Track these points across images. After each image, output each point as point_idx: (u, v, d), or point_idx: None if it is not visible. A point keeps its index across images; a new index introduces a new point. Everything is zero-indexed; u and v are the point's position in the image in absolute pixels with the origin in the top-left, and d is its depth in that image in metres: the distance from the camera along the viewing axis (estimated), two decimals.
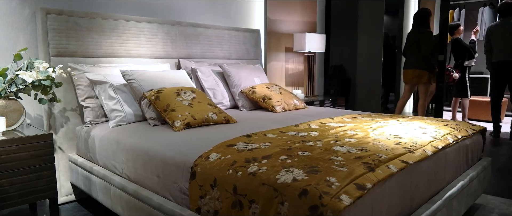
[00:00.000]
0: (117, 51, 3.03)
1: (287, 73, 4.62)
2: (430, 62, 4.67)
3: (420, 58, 4.67)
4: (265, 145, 1.83)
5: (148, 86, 2.64)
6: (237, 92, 3.30)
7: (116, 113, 2.58)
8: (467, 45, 5.68)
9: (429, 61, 4.66)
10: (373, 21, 5.85)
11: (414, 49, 4.76)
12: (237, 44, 3.98)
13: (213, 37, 3.75)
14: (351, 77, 6.27)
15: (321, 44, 4.52)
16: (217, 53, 3.80)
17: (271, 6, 4.30)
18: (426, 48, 4.61)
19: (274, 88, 3.29)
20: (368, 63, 5.99)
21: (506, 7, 4.72)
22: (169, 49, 3.39)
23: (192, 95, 2.59)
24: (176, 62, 3.44)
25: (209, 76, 3.34)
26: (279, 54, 4.51)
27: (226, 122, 2.55)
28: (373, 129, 2.28)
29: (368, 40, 5.94)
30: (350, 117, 2.74)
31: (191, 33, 3.56)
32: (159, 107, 2.44)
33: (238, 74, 3.38)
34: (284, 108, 3.13)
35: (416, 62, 4.69)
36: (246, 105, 3.26)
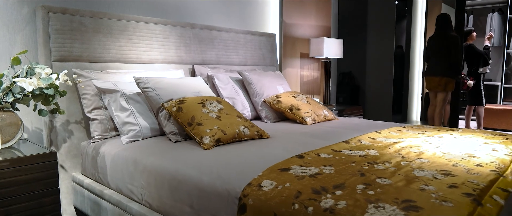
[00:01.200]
0: (126, 56, 2.65)
1: (302, 81, 4.28)
2: (459, 69, 4.37)
3: (447, 65, 4.38)
4: (328, 169, 1.47)
5: (167, 96, 2.27)
6: (259, 102, 2.94)
7: (129, 126, 2.19)
8: (482, 52, 5.42)
9: (458, 68, 4.36)
10: (383, 26, 5.55)
11: (440, 55, 4.48)
12: (253, 49, 3.63)
13: (229, 41, 3.39)
14: (360, 85, 5.96)
15: (338, 50, 4.20)
16: (232, 59, 3.44)
17: (286, 9, 3.97)
18: (455, 54, 4.31)
19: (300, 97, 2.94)
20: (378, 71, 5.68)
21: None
22: (183, 53, 3.02)
23: (218, 106, 2.22)
24: (190, 68, 3.07)
25: (227, 83, 2.98)
26: (294, 60, 4.17)
27: (259, 137, 2.18)
28: (436, 146, 1.94)
29: (378, 46, 5.64)
30: (396, 130, 2.41)
31: (205, 37, 3.19)
32: (182, 120, 2.07)
33: (260, 82, 3.03)
34: (314, 120, 2.78)
35: (443, 69, 4.41)
36: (270, 116, 2.90)
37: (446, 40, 4.43)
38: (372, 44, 5.65)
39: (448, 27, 4.45)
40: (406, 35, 6.86)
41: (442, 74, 4.44)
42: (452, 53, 4.36)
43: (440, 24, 4.56)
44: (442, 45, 4.46)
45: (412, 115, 7.00)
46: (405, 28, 6.90)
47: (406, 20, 6.85)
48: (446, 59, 4.42)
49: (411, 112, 6.97)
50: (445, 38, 4.44)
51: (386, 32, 5.52)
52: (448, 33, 4.44)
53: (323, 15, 4.51)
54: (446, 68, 4.42)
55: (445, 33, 4.45)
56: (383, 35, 5.55)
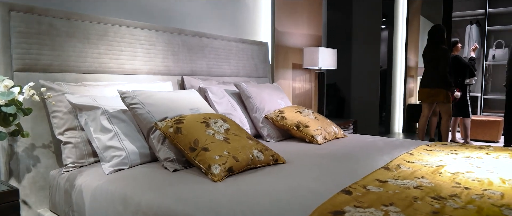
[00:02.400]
0: (106, 65, 2.20)
1: (294, 93, 3.93)
2: (447, 80, 4.20)
3: (436, 76, 4.22)
4: (394, 212, 1.10)
5: (160, 113, 1.84)
6: (260, 118, 2.55)
7: (113, 151, 1.74)
8: (468, 63, 5.28)
9: (446, 79, 4.19)
10: (369, 36, 5.32)
11: (430, 67, 4.35)
12: (246, 58, 3.24)
13: (220, 50, 2.99)
14: (346, 97, 5.69)
15: (332, 60, 3.88)
16: (224, 69, 3.04)
17: (279, 16, 3.62)
18: (443, 66, 4.16)
19: (306, 112, 2.57)
20: (364, 82, 5.43)
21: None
22: (171, 63, 2.59)
23: (225, 126, 1.81)
24: (178, 79, 2.64)
25: (223, 97, 2.57)
26: (287, 71, 3.81)
27: (275, 163, 1.78)
28: (489, 171, 1.61)
29: (363, 57, 5.39)
30: (424, 150, 2.07)
31: (195, 44, 2.78)
32: (182, 144, 1.64)
33: (259, 95, 2.63)
34: (325, 138, 2.41)
35: (433, 80, 4.26)
36: (273, 134, 2.51)
37: (436, 52, 4.26)
38: (357, 55, 5.40)
39: (439, 38, 4.30)
40: (387, 47, 6.69)
41: (431, 85, 4.28)
42: (440, 64, 4.20)
43: (432, 35, 4.40)
44: (433, 56, 4.30)
45: (394, 127, 6.80)
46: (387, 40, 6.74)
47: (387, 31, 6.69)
48: (436, 71, 4.24)
49: (394, 124, 6.78)
50: (435, 50, 4.28)
51: (372, 44, 5.29)
52: (439, 45, 4.27)
53: (315, 24, 4.20)
54: (436, 80, 4.24)
55: (436, 45, 4.29)
56: (369, 47, 5.31)
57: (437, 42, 4.29)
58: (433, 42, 4.34)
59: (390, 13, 6.54)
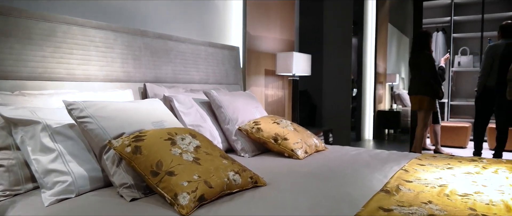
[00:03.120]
0: (53, 70, 1.85)
1: (267, 101, 3.66)
2: (432, 87, 4.09)
3: (420, 83, 4.11)
4: None
5: (115, 128, 1.51)
6: (233, 130, 2.26)
7: (56, 176, 1.40)
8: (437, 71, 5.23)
9: (431, 86, 4.08)
10: (340, 42, 5.15)
11: (414, 74, 4.24)
12: (215, 64, 2.95)
13: (188, 54, 2.68)
14: (317, 104, 5.49)
15: (307, 66, 3.65)
16: (192, 76, 2.73)
17: (251, 19, 3.35)
18: (425, 72, 4.04)
19: (284, 123, 2.30)
20: (336, 89, 5.26)
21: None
22: (131, 68, 2.26)
23: (194, 143, 1.50)
24: (140, 87, 2.31)
25: (191, 107, 2.26)
26: (259, 77, 3.54)
27: (254, 186, 1.50)
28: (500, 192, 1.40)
29: (335, 64, 5.22)
30: (416, 164, 1.85)
31: (159, 48, 2.46)
32: (142, 167, 1.32)
33: (232, 105, 2.34)
34: (306, 152, 2.15)
35: (417, 87, 4.16)
36: (247, 148, 2.22)
37: (419, 58, 4.16)
38: (329, 61, 5.22)
39: (423, 45, 4.18)
40: (357, 54, 6.59)
41: (416, 92, 4.17)
42: (422, 71, 4.09)
43: (416, 42, 4.29)
44: (416, 63, 4.18)
45: (365, 134, 6.69)
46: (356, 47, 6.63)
47: (357, 38, 6.59)
48: (420, 78, 4.14)
49: (364, 130, 6.67)
50: (419, 56, 4.17)
51: (343, 50, 5.13)
52: (422, 51, 4.16)
53: (287, 28, 3.97)
54: (420, 87, 4.14)
55: (420, 50, 4.18)
56: (340, 53, 5.15)
57: (421, 48, 4.19)
58: (416, 48, 4.24)
59: (359, 20, 6.45)
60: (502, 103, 3.68)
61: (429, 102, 4.16)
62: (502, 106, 3.71)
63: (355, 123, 6.71)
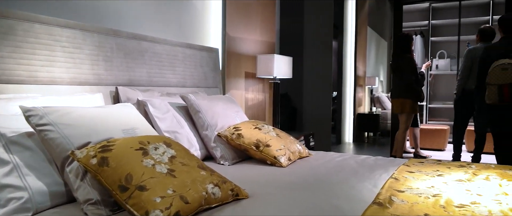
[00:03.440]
0: (12, 72, 1.67)
1: (247, 105, 3.54)
2: (414, 90, 4.05)
3: (402, 86, 4.07)
4: None
5: (80, 137, 1.35)
6: (212, 137, 2.12)
7: (10, 192, 1.22)
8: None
9: (413, 89, 4.04)
10: (320, 45, 5.08)
11: (396, 77, 4.20)
12: (193, 66, 2.80)
13: (164, 56, 2.53)
14: (298, 107, 5.40)
15: (288, 69, 3.55)
16: (169, 79, 2.58)
17: (231, 20, 3.22)
18: (407, 75, 4.01)
19: (266, 128, 2.18)
20: (316, 92, 5.17)
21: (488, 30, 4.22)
22: (102, 70, 2.09)
23: (169, 152, 1.36)
24: (112, 91, 2.15)
25: (167, 112, 2.11)
26: (239, 80, 3.41)
27: (235, 199, 1.36)
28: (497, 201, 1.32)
29: (315, 66, 5.14)
30: (406, 172, 1.76)
31: (133, 49, 2.30)
32: (110, 181, 1.17)
33: (211, 110, 2.20)
34: (290, 159, 2.03)
35: (399, 90, 4.12)
36: (227, 155, 2.08)
37: (401, 61, 4.12)
38: (309, 65, 5.13)
39: (405, 48, 4.15)
40: (337, 56, 6.55)
41: (398, 95, 4.13)
42: (404, 74, 4.06)
43: (397, 44, 4.26)
44: (398, 66, 4.15)
45: (345, 137, 6.65)
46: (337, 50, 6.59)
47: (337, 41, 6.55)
48: (401, 81, 4.10)
49: (344, 133, 6.63)
50: (401, 59, 4.13)
51: (324, 53, 5.05)
52: (404, 54, 4.13)
53: (268, 30, 3.86)
54: (402, 90, 4.10)
55: (401, 54, 4.14)
56: (321, 56, 5.07)
57: (403, 51, 4.15)
58: (398, 51, 4.21)
59: (339, 23, 6.41)
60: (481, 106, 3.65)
61: (412, 105, 4.13)
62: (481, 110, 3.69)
63: (335, 126, 6.67)
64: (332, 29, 5.04)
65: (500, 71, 2.97)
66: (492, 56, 3.08)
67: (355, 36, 6.58)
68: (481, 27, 4.24)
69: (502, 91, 2.97)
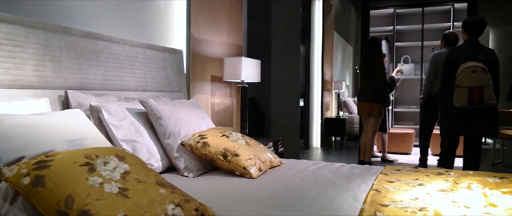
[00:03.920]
0: None
1: (213, 110, 3.34)
2: (382, 95, 4.01)
3: (371, 90, 4.01)
4: None
5: (12, 151, 1.12)
6: (175, 146, 1.91)
7: None
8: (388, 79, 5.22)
9: (381, 93, 4.00)
10: (289, 49, 4.97)
11: (365, 80, 4.15)
12: (155, 69, 2.58)
13: (122, 57, 2.30)
14: (266, 112, 5.25)
15: (257, 72, 3.39)
16: (128, 82, 2.35)
17: (196, 20, 3.02)
18: (377, 79, 3.96)
19: (234, 135, 2.00)
20: (284, 97, 5.05)
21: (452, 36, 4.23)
22: (49, 72, 1.84)
23: (121, 167, 1.15)
24: (61, 95, 1.90)
25: (124, 119, 1.89)
26: (205, 84, 3.22)
27: None
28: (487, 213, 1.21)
29: (283, 70, 5.02)
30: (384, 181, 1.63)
31: (87, 48, 2.06)
32: (45, 205, 0.95)
33: (174, 116, 2.00)
34: (260, 169, 1.86)
35: (368, 94, 4.06)
36: (192, 166, 1.88)
37: (370, 65, 4.07)
38: (277, 69, 5.01)
39: (375, 52, 4.11)
40: (305, 61, 6.48)
41: (366, 99, 4.09)
42: (374, 78, 4.01)
43: (368, 48, 4.21)
44: (367, 70, 4.09)
45: (313, 142, 6.58)
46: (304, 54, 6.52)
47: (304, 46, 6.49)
48: (371, 85, 4.05)
49: (312, 138, 6.55)
50: (370, 63, 4.08)
51: (292, 57, 4.95)
52: (374, 58, 4.09)
53: (235, 32, 3.69)
54: (371, 94, 4.05)
55: (371, 58, 4.10)
56: (289, 60, 4.96)
57: (372, 55, 4.11)
58: (368, 55, 4.16)
59: (306, 28, 6.35)
60: (446, 109, 3.58)
61: (380, 109, 4.10)
62: (447, 113, 3.63)
63: (303, 131, 6.58)
64: (299, 33, 4.95)
65: (470, 73, 2.94)
66: (458, 59, 3.06)
67: (322, 41, 6.55)
68: (445, 33, 4.27)
69: (472, 94, 2.95)
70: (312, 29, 6.42)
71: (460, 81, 2.97)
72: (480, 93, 2.90)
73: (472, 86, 2.91)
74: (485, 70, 2.91)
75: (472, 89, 2.92)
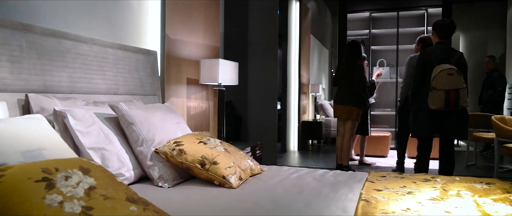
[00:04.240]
0: None
1: (189, 114, 3.20)
2: (362, 98, 3.97)
3: (351, 93, 3.97)
4: None
5: None
6: (148, 153, 1.77)
7: None
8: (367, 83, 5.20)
9: (361, 97, 3.95)
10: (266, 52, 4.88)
11: (345, 83, 4.07)
12: (128, 70, 2.42)
13: (91, 58, 2.13)
14: (242, 116, 5.14)
15: (234, 75, 3.27)
16: (97, 85, 2.18)
17: (171, 20, 2.88)
18: (358, 82, 3.92)
19: (212, 142, 1.87)
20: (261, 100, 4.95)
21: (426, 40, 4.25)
22: (6, 74, 1.67)
23: (86, 182, 1.01)
24: (21, 99, 1.72)
25: (92, 124, 1.73)
26: (180, 87, 3.07)
27: None
28: None
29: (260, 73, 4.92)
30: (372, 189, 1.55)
31: (51, 48, 1.89)
32: None
33: (147, 121, 1.85)
34: (241, 178, 1.73)
35: (347, 97, 4.02)
36: (167, 175, 1.74)
37: (351, 68, 4.03)
38: (254, 72, 4.91)
39: (355, 55, 4.08)
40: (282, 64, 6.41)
41: (345, 102, 4.04)
42: (356, 81, 3.97)
43: (348, 51, 4.16)
44: (348, 73, 4.05)
45: (290, 145, 6.50)
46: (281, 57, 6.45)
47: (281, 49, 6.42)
48: (350, 88, 4.00)
49: (289, 141, 6.48)
50: (351, 66, 4.04)
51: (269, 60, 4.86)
52: (355, 62, 4.05)
53: (212, 33, 3.56)
54: (350, 97, 4.00)
55: (352, 61, 4.06)
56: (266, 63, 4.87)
57: (353, 58, 4.07)
58: (348, 58, 4.11)
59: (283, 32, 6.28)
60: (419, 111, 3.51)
61: (358, 112, 4.07)
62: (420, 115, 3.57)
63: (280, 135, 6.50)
64: (277, 36, 4.86)
65: (447, 76, 2.93)
66: (430, 61, 3.04)
67: (299, 44, 6.50)
68: (422, 37, 4.29)
69: (448, 97, 2.94)
70: (289, 32, 6.36)
71: (436, 83, 2.95)
72: (456, 95, 2.90)
73: (449, 88, 2.91)
74: (460, 73, 2.93)
75: (449, 92, 2.92)
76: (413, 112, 3.34)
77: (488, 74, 5.62)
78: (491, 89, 5.54)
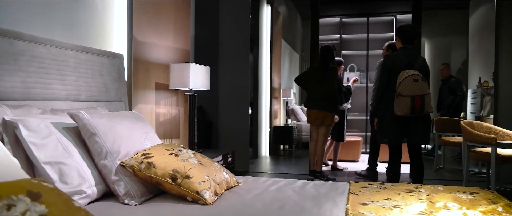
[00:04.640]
0: None
1: (158, 121, 3.01)
2: (336, 103, 3.91)
3: (325, 98, 3.90)
4: None
5: None
6: (113, 167, 1.59)
7: None
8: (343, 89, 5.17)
9: (335, 102, 3.90)
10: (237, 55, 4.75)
11: (320, 87, 3.99)
12: (91, 75, 2.22)
13: (49, 61, 1.93)
14: (213, 121, 4.98)
15: (206, 79, 3.11)
16: (55, 90, 1.97)
17: (138, 22, 2.70)
18: (332, 88, 3.86)
19: (184, 153, 1.72)
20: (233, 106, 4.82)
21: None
22: None
23: (35, 210, 0.84)
24: None
25: (48, 136, 1.53)
26: (149, 92, 2.88)
27: None
28: None
29: (232, 77, 4.79)
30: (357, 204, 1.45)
31: (2, 50, 1.68)
32: None
33: (112, 131, 1.67)
34: (216, 193, 1.59)
35: (321, 102, 3.94)
36: (134, 191, 1.57)
37: (326, 73, 3.97)
38: (225, 76, 4.77)
39: (328, 59, 4.03)
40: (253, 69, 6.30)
41: (319, 107, 3.98)
42: (330, 86, 3.92)
43: (322, 56, 4.10)
44: (322, 77, 3.98)
45: (261, 151, 6.39)
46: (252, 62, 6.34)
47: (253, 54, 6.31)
48: (325, 92, 3.94)
49: (261, 147, 6.36)
50: (325, 71, 3.98)
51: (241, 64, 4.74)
52: (328, 66, 3.99)
53: (182, 36, 3.39)
54: (324, 102, 3.95)
55: (326, 65, 4.00)
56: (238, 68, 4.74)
57: (326, 63, 4.01)
58: (322, 63, 4.05)
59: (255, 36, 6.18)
60: (385, 117, 3.46)
61: (332, 118, 4.02)
62: (386, 120, 3.52)
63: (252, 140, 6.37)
64: (249, 40, 4.75)
65: (412, 82, 2.93)
66: (395, 66, 3.02)
67: (270, 49, 6.42)
68: (390, 42, 4.30)
69: (414, 103, 2.93)
70: (260, 36, 6.26)
71: (402, 89, 2.93)
72: (422, 102, 2.90)
73: (414, 95, 2.90)
74: (425, 79, 2.94)
75: (415, 98, 2.91)
76: (379, 117, 3.32)
77: (444, 81, 5.74)
78: (452, 94, 5.67)
